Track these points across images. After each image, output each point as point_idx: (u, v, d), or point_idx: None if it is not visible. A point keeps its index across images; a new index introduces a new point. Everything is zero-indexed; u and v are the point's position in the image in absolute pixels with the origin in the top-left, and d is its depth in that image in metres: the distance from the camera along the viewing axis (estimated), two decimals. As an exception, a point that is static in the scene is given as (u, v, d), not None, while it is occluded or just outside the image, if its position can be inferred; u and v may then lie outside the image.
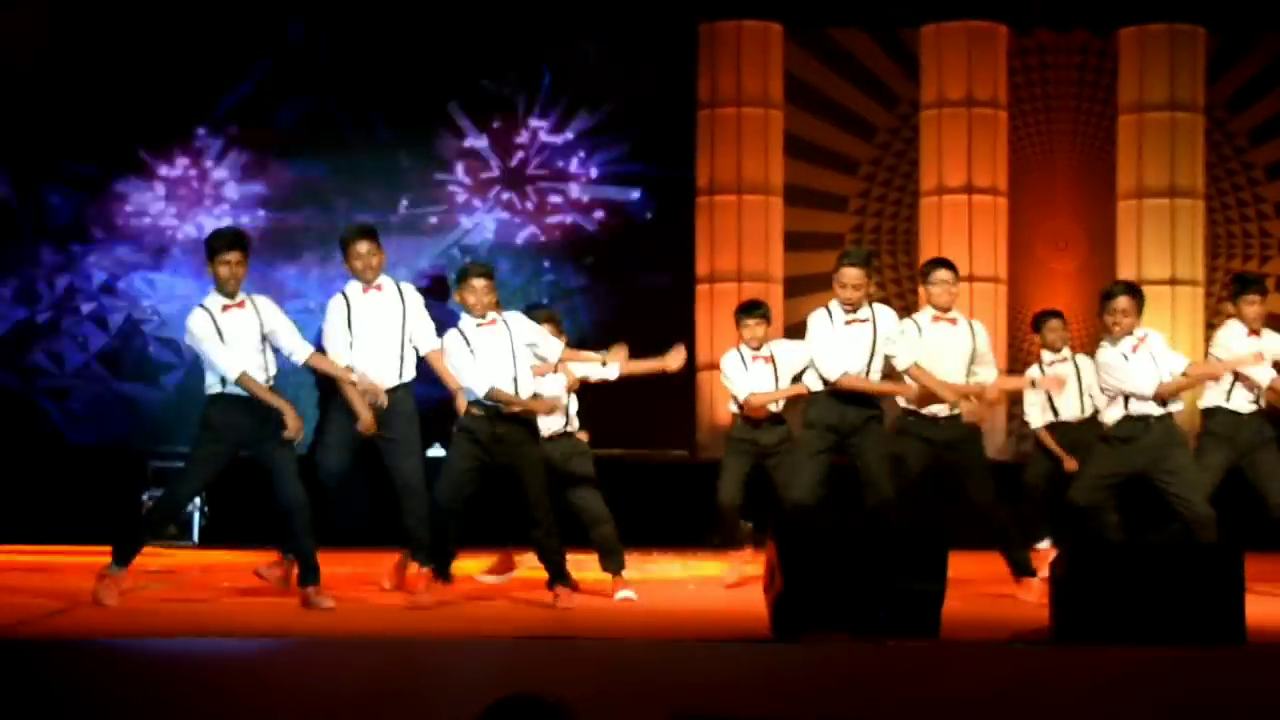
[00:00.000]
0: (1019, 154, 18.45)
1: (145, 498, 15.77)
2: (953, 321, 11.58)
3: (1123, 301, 11.15)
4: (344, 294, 11.22)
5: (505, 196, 18.27)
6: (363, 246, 11.15)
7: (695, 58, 18.18)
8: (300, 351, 10.78)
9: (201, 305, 10.64)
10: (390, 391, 11.07)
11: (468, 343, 10.57)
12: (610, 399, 12.49)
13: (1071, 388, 13.09)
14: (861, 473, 11.27)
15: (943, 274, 11.58)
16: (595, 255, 18.23)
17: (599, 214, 18.28)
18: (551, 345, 10.94)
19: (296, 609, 10.34)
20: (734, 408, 12.33)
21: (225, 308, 10.61)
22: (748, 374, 12.17)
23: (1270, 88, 18.55)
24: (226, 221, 17.41)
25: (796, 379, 11.82)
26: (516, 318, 10.84)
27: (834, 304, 11.33)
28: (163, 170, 17.95)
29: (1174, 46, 18.02)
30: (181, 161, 17.98)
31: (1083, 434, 12.77)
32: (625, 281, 18.00)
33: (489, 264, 11.42)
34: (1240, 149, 18.62)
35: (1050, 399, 13.13)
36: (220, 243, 10.68)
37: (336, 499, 11.26)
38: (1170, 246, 17.86)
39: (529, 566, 11.80)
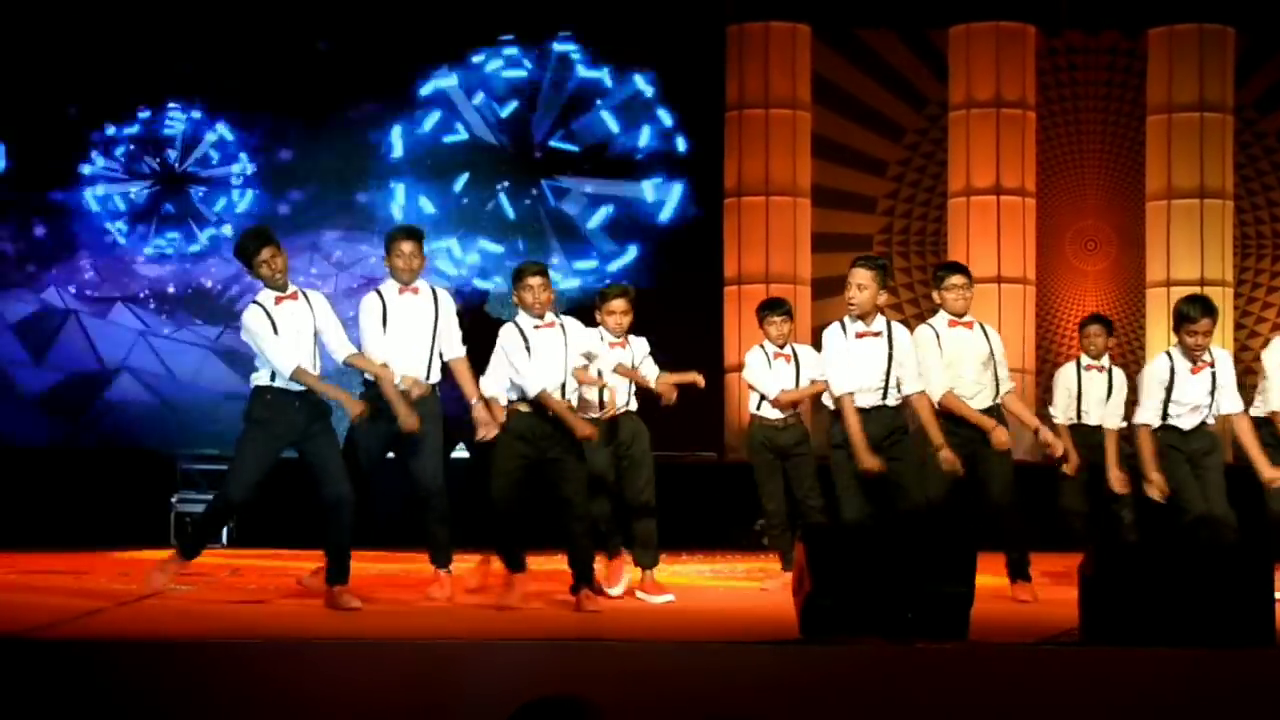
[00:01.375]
0: (1047, 155, 18.46)
1: (174, 500, 15.84)
2: (969, 325, 11.52)
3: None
4: (379, 292, 11.23)
5: (527, 196, 18.31)
6: (406, 247, 11.17)
7: (723, 59, 18.21)
8: (341, 350, 10.82)
9: (255, 301, 10.73)
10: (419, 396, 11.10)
11: (525, 342, 10.66)
12: (638, 400, 12.58)
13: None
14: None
15: (956, 279, 11.52)
16: (622, 257, 18.26)
17: (625, 214, 18.31)
18: (606, 356, 11.10)
19: (327, 611, 10.39)
20: (754, 407, 12.37)
21: (278, 300, 10.70)
22: (771, 370, 12.22)
23: (1299, 87, 18.58)
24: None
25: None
26: (573, 323, 10.94)
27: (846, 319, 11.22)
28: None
29: (1203, 47, 18.02)
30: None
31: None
32: (652, 283, 18.02)
33: (543, 263, 11.45)
34: (1270, 149, 18.61)
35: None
36: (252, 245, 10.74)
37: (362, 501, 11.29)
38: (1199, 247, 17.85)
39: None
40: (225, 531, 15.76)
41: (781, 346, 12.27)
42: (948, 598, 8.65)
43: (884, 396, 10.82)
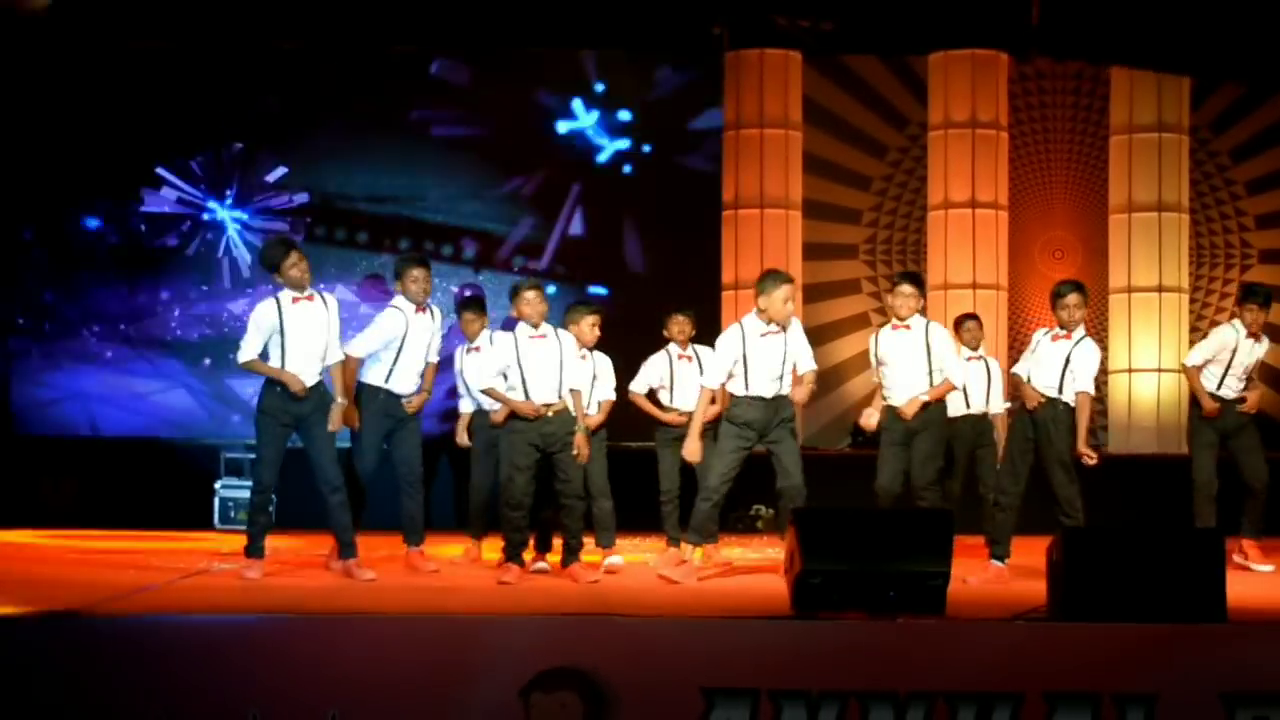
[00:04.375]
0: (1019, 171, 18.42)
1: (218, 486, 15.81)
2: (908, 328, 11.59)
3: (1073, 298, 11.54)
4: (400, 309, 11.55)
5: (541, 209, 18.27)
6: (417, 272, 11.43)
7: (722, 83, 18.17)
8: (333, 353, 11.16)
9: (274, 296, 11.00)
10: (411, 398, 11.59)
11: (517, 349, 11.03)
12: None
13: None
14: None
15: (906, 287, 11.64)
16: (628, 265, 18.22)
17: (630, 224, 18.28)
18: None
19: (351, 589, 10.39)
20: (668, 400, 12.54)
21: (295, 300, 10.93)
22: (668, 371, 12.52)
23: (1250, 109, 18.52)
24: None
25: None
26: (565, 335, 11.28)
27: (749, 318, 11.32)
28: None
29: (1161, 72, 17.98)
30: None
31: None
32: (656, 289, 17.98)
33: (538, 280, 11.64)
34: (1222, 166, 18.57)
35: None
36: (279, 251, 10.92)
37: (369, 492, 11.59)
38: (1157, 256, 17.82)
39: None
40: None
41: (684, 348, 12.39)
42: (927, 577, 8.64)
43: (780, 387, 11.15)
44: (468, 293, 15.81)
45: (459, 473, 11.76)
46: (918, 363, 11.46)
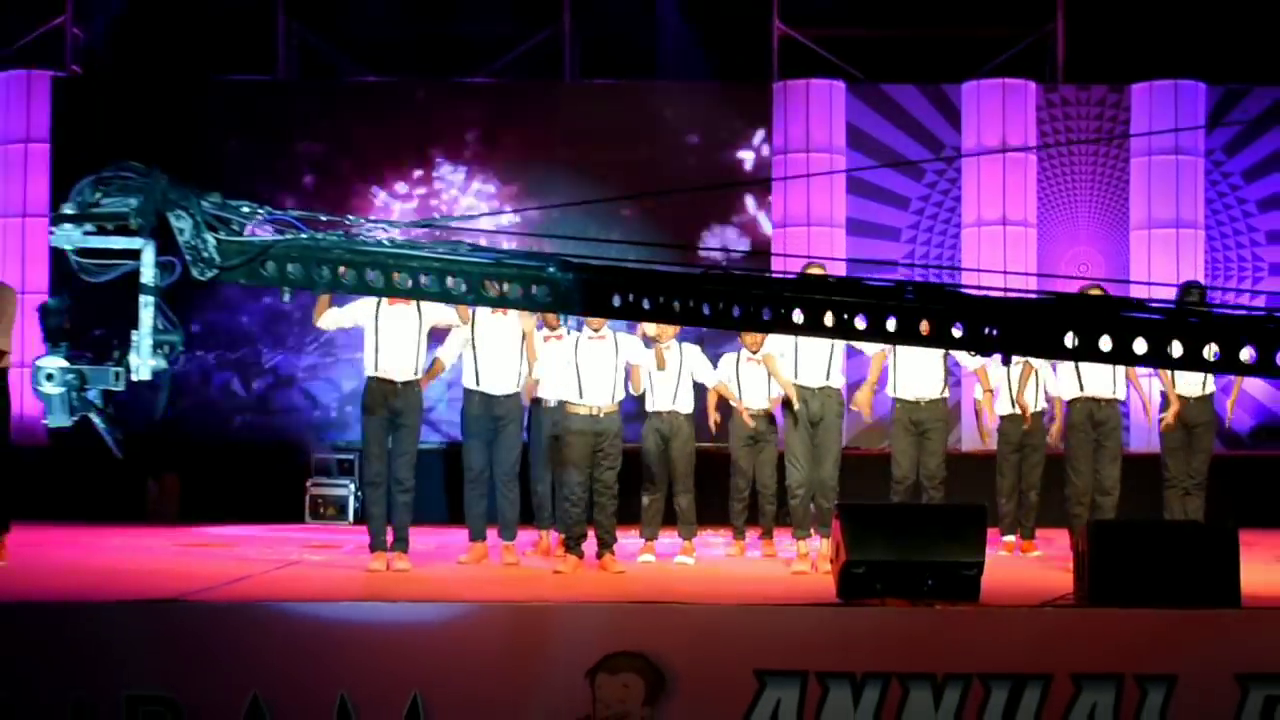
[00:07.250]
0: (1046, 191, 18.35)
1: (309, 484, 15.89)
2: None
3: None
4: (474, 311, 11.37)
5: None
6: None
7: (770, 111, 18.15)
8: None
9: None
10: (508, 398, 11.37)
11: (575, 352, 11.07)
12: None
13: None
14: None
15: None
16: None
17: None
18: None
19: (431, 577, 10.42)
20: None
21: (392, 301, 10.72)
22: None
23: (1260, 133, 18.42)
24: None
25: None
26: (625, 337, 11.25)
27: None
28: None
29: (1178, 99, 17.90)
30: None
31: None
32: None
33: None
34: (1235, 186, 18.47)
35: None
36: None
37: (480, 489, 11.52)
38: (1175, 271, 17.74)
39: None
40: (351, 512, 15.78)
41: (754, 353, 12.22)
42: (962, 566, 8.63)
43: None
44: None
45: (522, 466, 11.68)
46: (931, 355, 11.61)
